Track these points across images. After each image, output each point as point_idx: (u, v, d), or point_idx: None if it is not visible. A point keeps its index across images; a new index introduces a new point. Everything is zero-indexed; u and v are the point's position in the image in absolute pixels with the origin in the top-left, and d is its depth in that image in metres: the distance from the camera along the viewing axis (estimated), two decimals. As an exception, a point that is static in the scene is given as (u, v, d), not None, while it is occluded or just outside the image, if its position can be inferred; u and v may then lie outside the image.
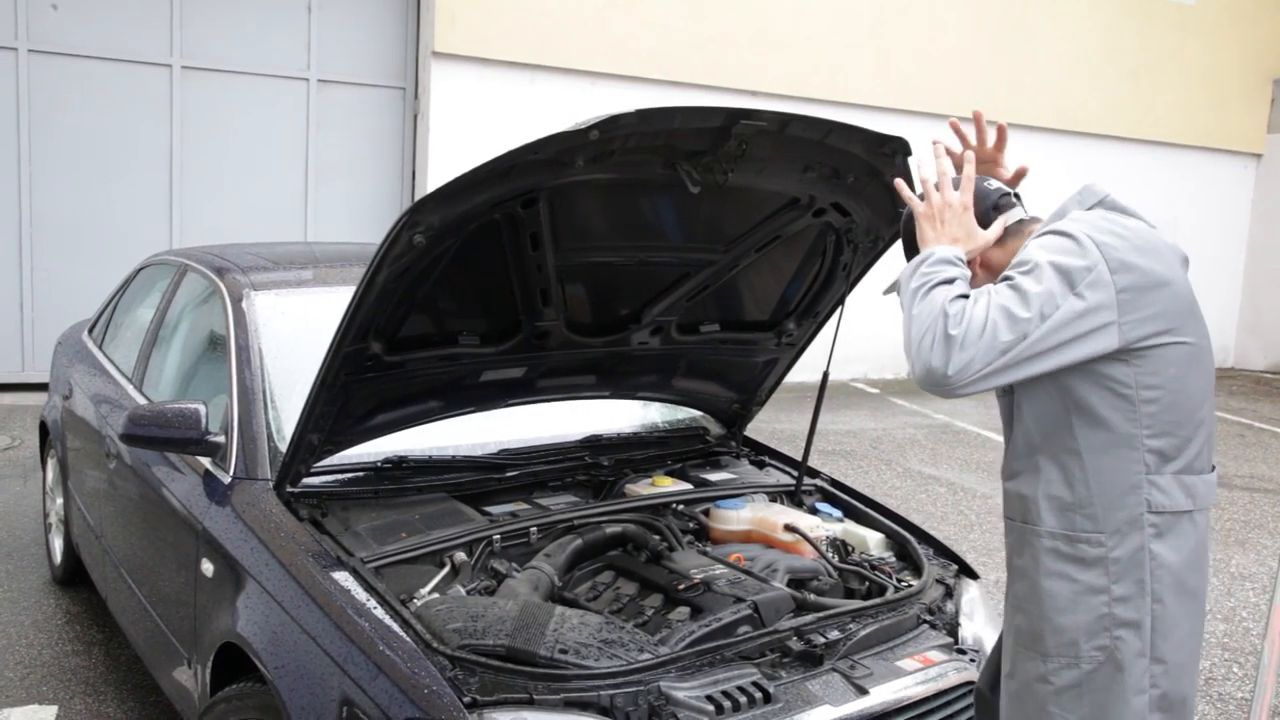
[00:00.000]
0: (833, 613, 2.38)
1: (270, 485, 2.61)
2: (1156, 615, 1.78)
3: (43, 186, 8.17)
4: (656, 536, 2.71)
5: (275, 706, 2.14)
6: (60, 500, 4.37)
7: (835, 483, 3.24)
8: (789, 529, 2.79)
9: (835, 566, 2.71)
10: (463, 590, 2.39)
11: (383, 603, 2.17)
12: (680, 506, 2.91)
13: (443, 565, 2.44)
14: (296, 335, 3.03)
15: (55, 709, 3.42)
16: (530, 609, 2.20)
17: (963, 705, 2.30)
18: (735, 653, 2.19)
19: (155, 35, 8.31)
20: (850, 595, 2.64)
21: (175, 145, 8.47)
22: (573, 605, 2.38)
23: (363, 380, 2.52)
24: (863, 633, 2.33)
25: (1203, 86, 12.17)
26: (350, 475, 2.74)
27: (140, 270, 4.42)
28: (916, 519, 5.11)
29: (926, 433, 8.39)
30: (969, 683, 2.32)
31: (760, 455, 3.46)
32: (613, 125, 2.09)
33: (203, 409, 2.71)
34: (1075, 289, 1.67)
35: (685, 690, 2.04)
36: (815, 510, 3.06)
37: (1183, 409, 1.77)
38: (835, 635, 2.30)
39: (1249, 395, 11.26)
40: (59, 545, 4.40)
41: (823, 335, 3.20)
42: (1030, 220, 1.94)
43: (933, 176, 1.87)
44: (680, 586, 2.44)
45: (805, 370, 3.44)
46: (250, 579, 2.39)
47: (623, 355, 2.98)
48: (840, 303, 3.02)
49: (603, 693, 1.98)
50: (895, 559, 2.83)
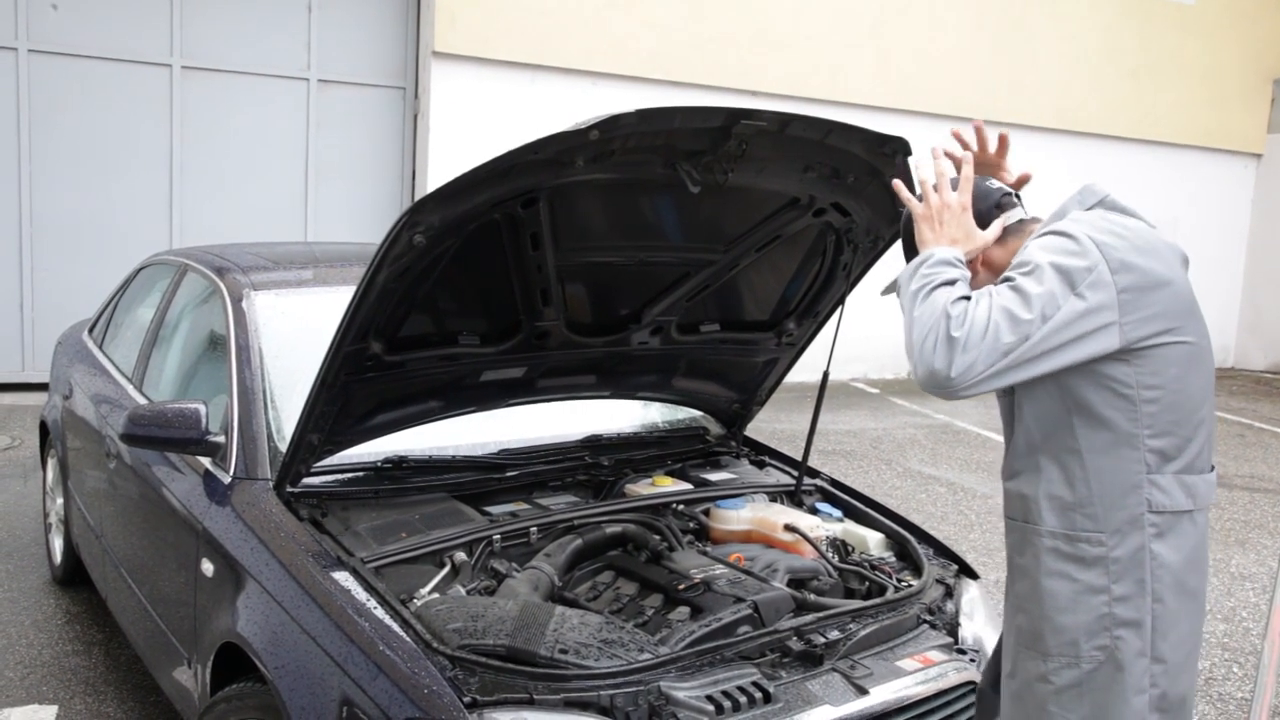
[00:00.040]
0: (833, 613, 2.38)
1: (270, 485, 2.61)
2: (1157, 615, 1.78)
3: (43, 186, 8.17)
4: (656, 536, 2.71)
5: (275, 706, 2.14)
6: (60, 500, 4.37)
7: (835, 483, 3.24)
8: (789, 529, 2.79)
9: (835, 566, 2.71)
10: (463, 590, 2.39)
11: (383, 603, 2.17)
12: (680, 506, 2.91)
13: (443, 565, 2.44)
14: (296, 335, 3.03)
15: (55, 709, 3.42)
16: (530, 609, 2.20)
17: (963, 705, 2.30)
18: (735, 653, 2.19)
19: (155, 35, 8.31)
20: (850, 595, 2.64)
21: (175, 145, 8.47)
22: (573, 605, 2.38)
23: (363, 380, 2.52)
24: (863, 633, 2.33)
25: (1203, 86, 12.17)
26: (350, 475, 2.74)
27: (140, 270, 4.42)
28: (916, 519, 5.11)
29: (926, 433, 8.38)
30: (969, 683, 2.32)
31: (760, 455, 3.46)
32: (613, 125, 2.09)
33: (203, 409, 2.71)
34: (1076, 289, 1.67)
35: (685, 690, 2.04)
36: (815, 510, 3.06)
37: (1183, 409, 1.77)
38: (835, 635, 2.30)
39: (1249, 395, 11.26)
40: (59, 545, 4.40)
41: (823, 335, 3.20)
42: (1030, 220, 1.94)
43: (931, 178, 1.87)
44: (680, 586, 2.44)
45: (805, 370, 3.44)
46: (250, 579, 2.39)
47: (623, 355, 2.98)
48: (840, 303, 3.02)
49: (603, 693, 1.98)
50: (895, 559, 2.83)
